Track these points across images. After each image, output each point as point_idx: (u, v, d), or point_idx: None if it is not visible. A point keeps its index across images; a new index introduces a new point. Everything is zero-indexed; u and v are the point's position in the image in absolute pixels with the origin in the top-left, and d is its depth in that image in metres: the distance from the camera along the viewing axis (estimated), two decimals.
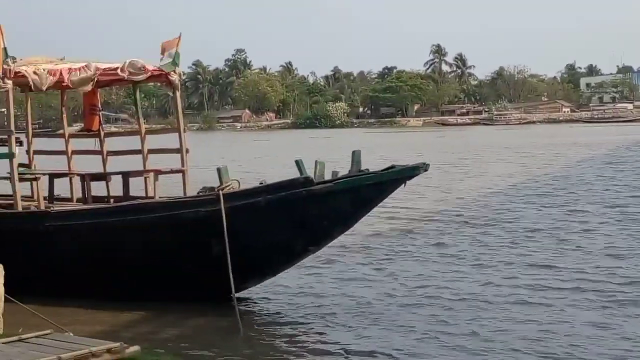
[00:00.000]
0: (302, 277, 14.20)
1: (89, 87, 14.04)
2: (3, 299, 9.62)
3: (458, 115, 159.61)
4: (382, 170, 11.60)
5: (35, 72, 13.08)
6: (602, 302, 12.09)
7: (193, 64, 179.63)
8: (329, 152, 43.78)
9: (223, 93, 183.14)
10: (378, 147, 57.55)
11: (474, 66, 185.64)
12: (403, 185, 11.55)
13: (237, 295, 11.49)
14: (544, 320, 11.12)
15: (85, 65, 13.72)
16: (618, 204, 23.62)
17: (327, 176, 11.86)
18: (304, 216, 11.63)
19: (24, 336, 7.05)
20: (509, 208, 23.43)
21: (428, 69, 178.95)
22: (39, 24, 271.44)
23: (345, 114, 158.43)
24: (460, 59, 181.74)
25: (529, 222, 20.41)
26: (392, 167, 11.69)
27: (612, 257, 15.44)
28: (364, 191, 11.49)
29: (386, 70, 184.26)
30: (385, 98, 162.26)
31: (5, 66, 12.55)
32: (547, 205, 23.91)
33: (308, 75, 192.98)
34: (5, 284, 9.61)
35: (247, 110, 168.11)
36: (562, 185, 29.76)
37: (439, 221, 21.12)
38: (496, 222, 20.48)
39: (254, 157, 53.48)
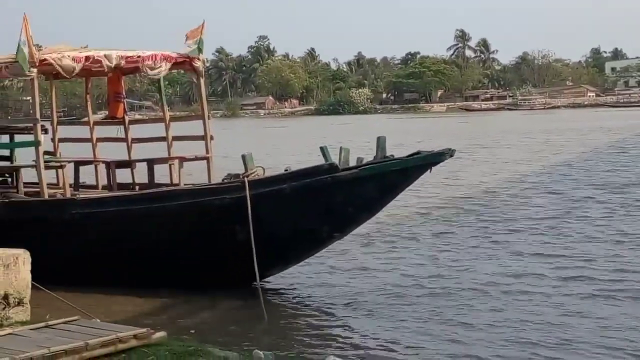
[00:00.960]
0: (327, 264, 14.19)
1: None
2: (30, 286, 9.67)
3: (482, 100, 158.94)
4: (407, 156, 11.56)
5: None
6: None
7: (216, 51, 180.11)
8: (352, 138, 43.72)
9: (246, 80, 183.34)
10: (401, 133, 57.33)
11: (497, 51, 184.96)
12: (429, 171, 11.50)
13: (261, 282, 11.51)
14: (562, 310, 11.09)
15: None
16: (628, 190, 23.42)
17: (352, 162, 11.84)
18: (329, 203, 11.61)
19: (51, 322, 7.09)
20: (525, 196, 23.16)
21: (452, 54, 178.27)
22: (58, 13, 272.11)
23: (369, 100, 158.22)
24: (484, 44, 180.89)
25: (542, 211, 20.18)
26: (418, 153, 11.65)
27: (623, 246, 15.32)
28: (389, 177, 11.46)
29: (409, 56, 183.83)
30: (409, 84, 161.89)
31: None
32: (560, 192, 23.63)
33: (331, 62, 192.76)
34: (31, 271, 9.68)
35: (270, 97, 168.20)
36: (579, 173, 29.39)
37: (453, 209, 21.02)
38: (509, 211, 20.26)
39: (278, 143, 53.47)
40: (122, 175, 15.57)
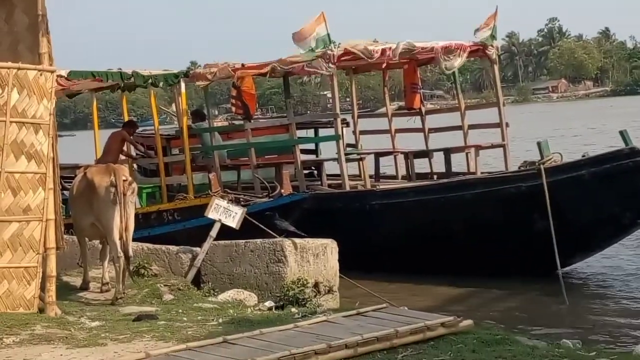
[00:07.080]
0: (633, 252, 13.69)
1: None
2: (338, 274, 10.15)
3: None
4: None
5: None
6: None
7: (506, 36, 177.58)
8: None
9: (537, 64, 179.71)
10: None
11: None
12: None
13: (562, 270, 11.32)
14: None
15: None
16: None
17: None
18: (631, 188, 11.27)
19: (361, 310, 7.36)
20: None
21: None
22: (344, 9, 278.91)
23: None
24: None
25: None
26: None
27: None
28: None
29: None
30: None
31: (329, 52, 13.07)
32: None
33: (627, 40, 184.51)
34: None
35: (563, 80, 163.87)
36: None
37: None
38: None
39: (574, 127, 51.96)
40: (420, 165, 15.83)
